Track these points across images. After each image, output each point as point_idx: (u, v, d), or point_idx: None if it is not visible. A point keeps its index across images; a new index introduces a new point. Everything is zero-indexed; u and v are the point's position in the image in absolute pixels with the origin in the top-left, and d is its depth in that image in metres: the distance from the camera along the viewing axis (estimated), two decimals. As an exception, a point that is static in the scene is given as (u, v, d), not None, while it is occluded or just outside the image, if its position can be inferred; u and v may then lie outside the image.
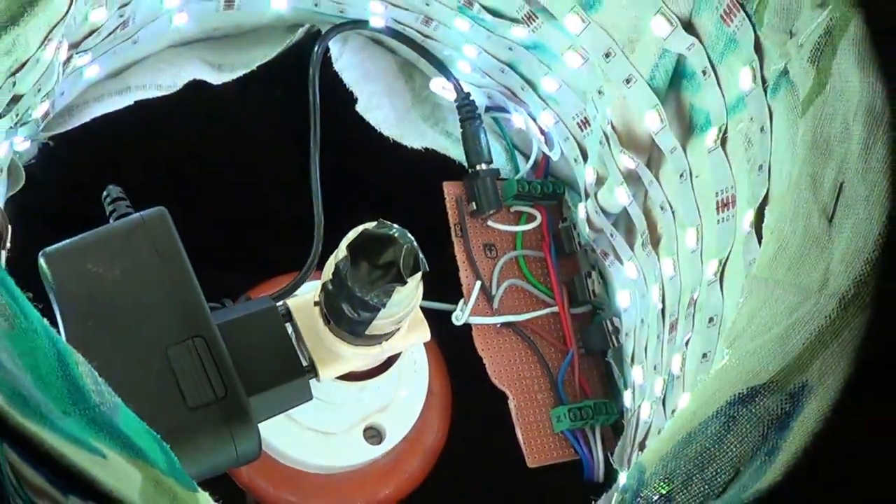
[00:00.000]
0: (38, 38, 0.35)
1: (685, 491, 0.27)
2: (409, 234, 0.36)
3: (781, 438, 0.26)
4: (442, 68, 0.50)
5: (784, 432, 0.26)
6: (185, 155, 0.54)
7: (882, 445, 0.34)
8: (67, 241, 0.38)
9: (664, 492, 0.27)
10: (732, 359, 0.29)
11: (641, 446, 0.41)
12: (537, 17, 0.44)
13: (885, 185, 0.28)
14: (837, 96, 0.30)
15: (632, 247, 0.44)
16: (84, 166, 0.48)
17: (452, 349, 0.48)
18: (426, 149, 0.51)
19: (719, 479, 0.26)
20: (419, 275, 0.36)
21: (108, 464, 0.24)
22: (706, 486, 0.26)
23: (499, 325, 0.48)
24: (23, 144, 0.44)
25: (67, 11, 0.35)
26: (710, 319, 0.36)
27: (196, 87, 0.49)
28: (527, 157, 0.51)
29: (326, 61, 0.50)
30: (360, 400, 0.43)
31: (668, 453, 0.27)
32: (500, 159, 0.51)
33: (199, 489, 0.26)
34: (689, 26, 0.38)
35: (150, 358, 0.36)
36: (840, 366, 0.27)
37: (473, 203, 0.49)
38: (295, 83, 0.48)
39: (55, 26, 0.35)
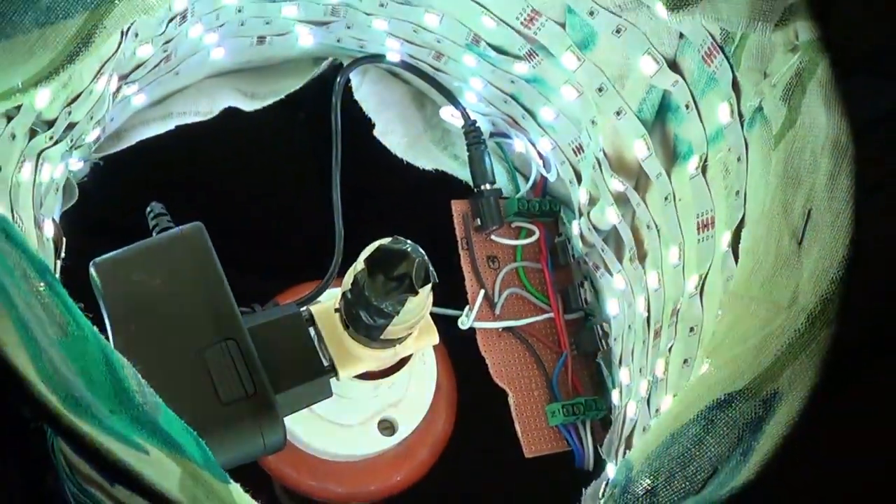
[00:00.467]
0: (91, 73, 0.35)
1: (668, 487, 0.27)
2: (421, 249, 0.36)
3: (755, 440, 0.26)
4: (451, 98, 0.50)
5: (757, 435, 0.26)
6: (221, 174, 0.54)
7: (843, 455, 0.34)
8: (115, 252, 0.38)
9: (649, 487, 0.27)
10: (711, 367, 0.29)
11: (628, 441, 0.41)
12: (537, 55, 0.44)
13: (848, 213, 0.28)
14: (807, 132, 0.30)
15: (620, 261, 0.44)
16: (130, 184, 0.48)
17: (458, 351, 0.48)
18: (436, 170, 0.51)
19: (699, 477, 0.26)
20: (429, 286, 0.36)
21: (150, 459, 0.24)
22: (687, 483, 0.26)
23: (500, 330, 0.48)
24: (77, 164, 0.44)
25: (117, 49, 0.35)
26: (691, 329, 0.36)
27: (231, 113, 0.49)
28: (526, 179, 0.51)
29: (347, 91, 0.50)
30: (375, 396, 0.43)
31: (652, 453, 0.27)
32: (502, 180, 0.51)
33: (231, 480, 0.26)
34: (673, 65, 0.38)
35: (188, 358, 0.36)
36: (807, 375, 0.26)
37: (478, 219, 0.49)
38: (319, 110, 0.48)
39: (106, 62, 0.35)
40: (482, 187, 0.49)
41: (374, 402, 0.43)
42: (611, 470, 0.41)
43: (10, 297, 0.24)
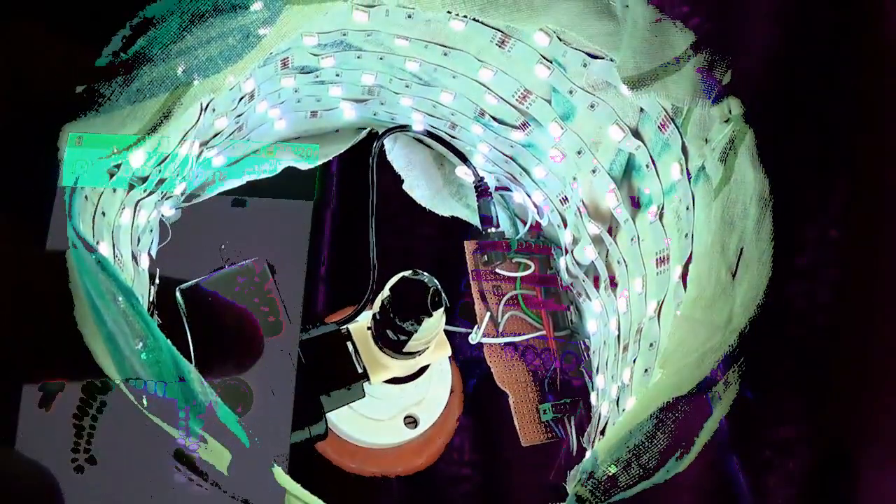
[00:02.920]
0: (175, 140, 0.35)
1: (626, 473, 0.26)
2: (435, 280, 0.36)
3: (695, 435, 0.26)
4: (464, 159, 0.50)
5: (697, 431, 0.26)
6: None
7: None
8: (195, 280, 0.38)
9: (611, 473, 0.26)
10: (663, 376, 0.28)
11: (602, 433, 0.40)
12: (530, 125, 0.44)
13: (770, 252, 0.27)
14: (738, 186, 0.29)
15: (597, 289, 0.44)
16: (210, 227, 0.48)
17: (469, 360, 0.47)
18: (453, 216, 0.51)
19: (650, 465, 0.26)
20: (441, 309, 0.35)
21: (207, 446, 0.23)
22: (641, 470, 0.26)
23: (502, 344, 0.48)
24: (169, 211, 0.44)
25: (197, 121, 0.36)
26: (651, 344, 0.35)
27: (290, 171, 0.49)
28: (524, 223, 0.51)
29: (382, 154, 0.50)
30: (401, 397, 0.43)
31: (615, 445, 0.27)
32: (505, 224, 0.51)
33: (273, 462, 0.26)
34: (636, 133, 0.38)
35: (250, 365, 0.36)
36: (738, 382, 0.26)
37: (486, 256, 0.49)
38: (360, 169, 0.48)
39: (188, 131, 0.36)
40: (489, 230, 0.49)
41: (400, 401, 0.43)
42: (586, 459, 0.40)
43: (102, 317, 0.24)
